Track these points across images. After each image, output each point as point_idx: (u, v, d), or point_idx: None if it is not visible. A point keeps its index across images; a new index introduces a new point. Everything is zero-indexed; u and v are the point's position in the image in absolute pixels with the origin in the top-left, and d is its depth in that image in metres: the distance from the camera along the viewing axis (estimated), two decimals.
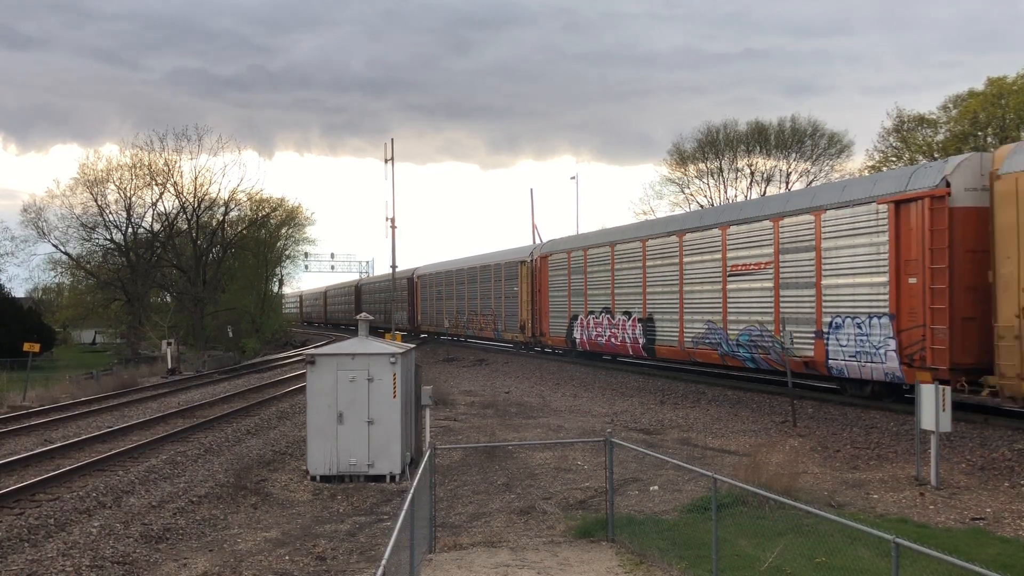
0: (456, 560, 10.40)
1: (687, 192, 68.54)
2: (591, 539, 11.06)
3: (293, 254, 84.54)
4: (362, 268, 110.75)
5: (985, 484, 13.17)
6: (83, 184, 63.25)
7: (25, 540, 12.05)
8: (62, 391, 34.06)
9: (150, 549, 11.90)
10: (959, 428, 15.99)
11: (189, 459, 17.77)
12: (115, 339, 72.64)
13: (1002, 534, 10.67)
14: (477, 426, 20.38)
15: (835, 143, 64.02)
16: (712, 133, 66.48)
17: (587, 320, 33.32)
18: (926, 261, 17.59)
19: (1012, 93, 47.67)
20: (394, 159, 38.42)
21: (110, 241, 65.55)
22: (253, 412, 25.03)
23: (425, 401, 16.60)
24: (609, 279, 31.48)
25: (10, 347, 52.87)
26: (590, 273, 33.12)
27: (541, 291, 37.80)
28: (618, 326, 30.84)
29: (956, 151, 47.53)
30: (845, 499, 12.53)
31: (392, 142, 38.14)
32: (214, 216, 67.28)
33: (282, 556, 11.40)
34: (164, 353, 43.20)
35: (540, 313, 38.01)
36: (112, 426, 22.47)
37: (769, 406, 21.54)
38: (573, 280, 34.60)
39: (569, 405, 24.09)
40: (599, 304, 32.30)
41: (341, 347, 15.97)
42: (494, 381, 31.38)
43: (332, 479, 15.25)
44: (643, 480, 14.25)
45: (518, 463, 15.98)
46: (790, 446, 16.41)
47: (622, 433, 18.19)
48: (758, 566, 9.35)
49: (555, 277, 36.47)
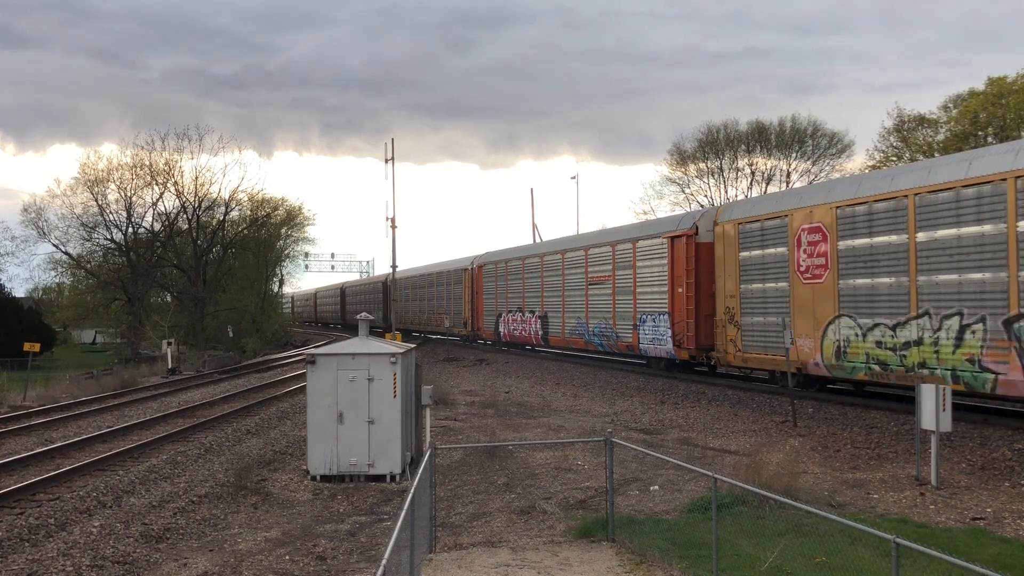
0: (456, 560, 10.40)
1: (687, 192, 68.62)
2: (591, 539, 11.06)
3: (293, 254, 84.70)
4: (362, 268, 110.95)
5: (985, 484, 13.17)
6: (83, 184, 63.36)
7: (25, 540, 12.06)
8: (62, 391, 34.08)
9: (150, 549, 11.90)
10: (959, 428, 15.99)
11: (189, 459, 17.78)
12: (115, 339, 72.66)
13: (1002, 534, 10.67)
14: (477, 426, 20.38)
15: (835, 143, 64.09)
16: (712, 133, 66.51)
17: (508, 317, 42.24)
18: (685, 277, 26.19)
19: (1012, 93, 47.67)
20: (394, 159, 38.38)
21: (110, 241, 65.60)
22: (253, 412, 25.04)
23: (425, 401, 16.59)
24: (521, 285, 40.46)
25: (10, 347, 52.91)
26: (510, 280, 42.05)
27: (477, 294, 46.55)
28: (527, 321, 39.84)
29: (956, 151, 47.54)
30: (845, 499, 12.53)
31: (392, 142, 38.08)
32: (214, 216, 67.32)
33: (282, 556, 11.40)
34: (164, 353, 43.23)
35: (477, 312, 46.70)
36: (112, 426, 22.48)
37: (769, 406, 21.55)
38: (499, 285, 43.38)
39: (569, 405, 24.09)
40: (515, 305, 41.32)
41: (341, 347, 15.97)
42: (494, 381, 31.39)
43: (332, 479, 15.25)
44: (643, 480, 14.25)
45: (518, 463, 15.99)
46: (790, 446, 16.42)
47: (622, 433, 18.20)
48: (758, 566, 9.34)
49: (487, 283, 45.18)
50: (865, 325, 19.11)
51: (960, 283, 16.68)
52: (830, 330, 20.20)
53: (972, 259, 16.38)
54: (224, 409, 25.40)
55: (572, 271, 34.79)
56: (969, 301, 16.48)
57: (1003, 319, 15.79)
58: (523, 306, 40.14)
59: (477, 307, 46.68)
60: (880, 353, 18.61)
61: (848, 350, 19.66)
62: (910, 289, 17.82)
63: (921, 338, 17.51)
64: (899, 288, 18.13)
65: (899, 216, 18.13)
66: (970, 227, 16.46)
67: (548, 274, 37.14)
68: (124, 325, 66.33)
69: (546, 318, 37.27)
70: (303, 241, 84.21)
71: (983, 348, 16.08)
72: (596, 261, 32.61)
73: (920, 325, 17.60)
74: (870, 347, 18.92)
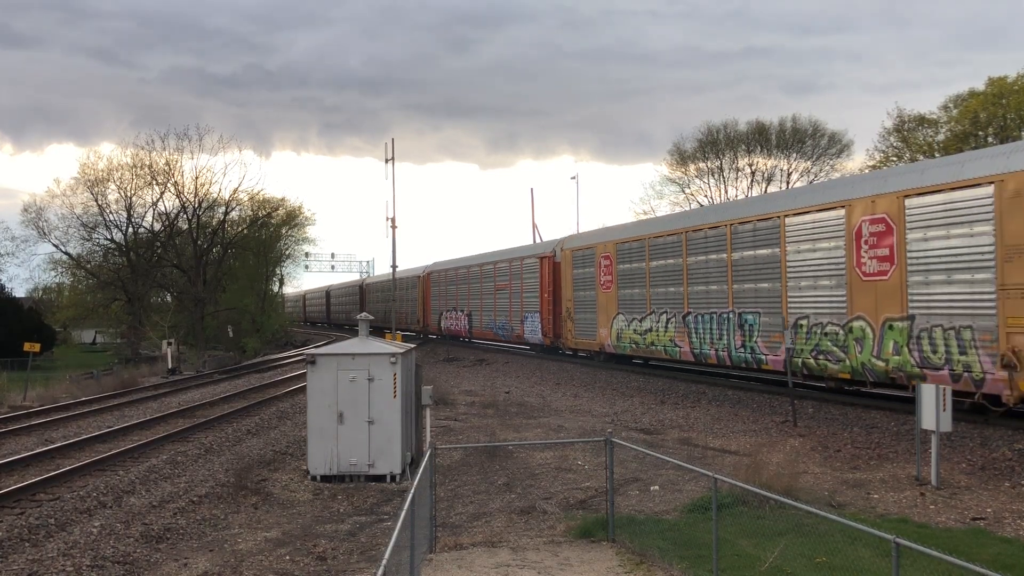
0: (457, 560, 10.40)
1: (687, 192, 68.68)
2: (591, 539, 11.06)
3: (293, 254, 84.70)
4: (362, 268, 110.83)
5: (985, 484, 13.17)
6: (84, 184, 63.32)
7: (26, 540, 12.06)
8: (62, 391, 34.09)
9: (150, 549, 11.91)
10: (959, 428, 15.99)
11: (189, 459, 17.78)
12: (115, 339, 72.62)
13: (1003, 534, 10.67)
14: (477, 426, 20.38)
15: (835, 143, 64.11)
16: (713, 133, 66.57)
17: (447, 315, 52.84)
18: (547, 287, 37.13)
19: (1013, 93, 47.67)
20: (394, 159, 38.40)
21: (110, 241, 65.59)
22: (253, 412, 25.04)
23: (425, 401, 16.59)
24: (455, 290, 51.25)
25: (10, 347, 52.93)
26: (448, 286, 52.78)
27: (426, 296, 57.89)
28: (459, 319, 50.39)
29: (956, 151, 47.51)
30: (845, 499, 12.52)
31: (392, 142, 38.16)
32: (215, 216, 67.32)
33: (282, 556, 11.40)
34: (164, 353, 43.22)
35: (427, 311, 57.70)
36: (112, 426, 22.48)
37: (769, 406, 21.55)
38: (444, 290, 53.85)
39: (569, 405, 24.09)
40: (451, 305, 52.02)
41: (341, 347, 15.97)
42: (494, 381, 31.39)
43: (332, 479, 15.25)
44: (643, 480, 14.25)
45: (518, 463, 15.99)
46: (790, 446, 16.42)
47: (622, 433, 18.20)
48: (758, 566, 9.35)
49: (435, 287, 55.80)
50: (630, 319, 29.97)
51: (666, 294, 27.63)
52: (614, 323, 31.02)
53: (671, 278, 27.32)
54: (224, 409, 25.40)
55: (486, 280, 45.62)
56: (669, 305, 27.41)
57: (682, 315, 26.66)
58: (457, 306, 50.90)
59: (427, 307, 57.62)
60: (635, 336, 29.46)
61: (622, 336, 30.40)
62: (646, 297, 28.83)
63: (653, 327, 28.41)
64: (642, 296, 29.14)
65: (641, 251, 29.35)
66: (668, 259, 27.55)
67: (472, 282, 48.11)
68: (124, 325, 66.30)
69: (471, 316, 48.10)
70: (303, 241, 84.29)
71: (676, 332, 26.99)
72: (500, 273, 43.81)
73: (652, 319, 28.52)
74: (631, 333, 29.84)
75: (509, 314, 41.98)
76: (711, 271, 25.28)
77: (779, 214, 22.25)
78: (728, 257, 24.38)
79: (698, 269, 25.93)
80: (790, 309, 21.62)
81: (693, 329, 26.03)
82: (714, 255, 25.20)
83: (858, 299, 19.30)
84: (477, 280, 47.02)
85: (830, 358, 20.21)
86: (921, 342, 17.53)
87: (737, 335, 23.86)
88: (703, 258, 25.72)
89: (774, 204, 23.41)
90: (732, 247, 24.21)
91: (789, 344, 20.69)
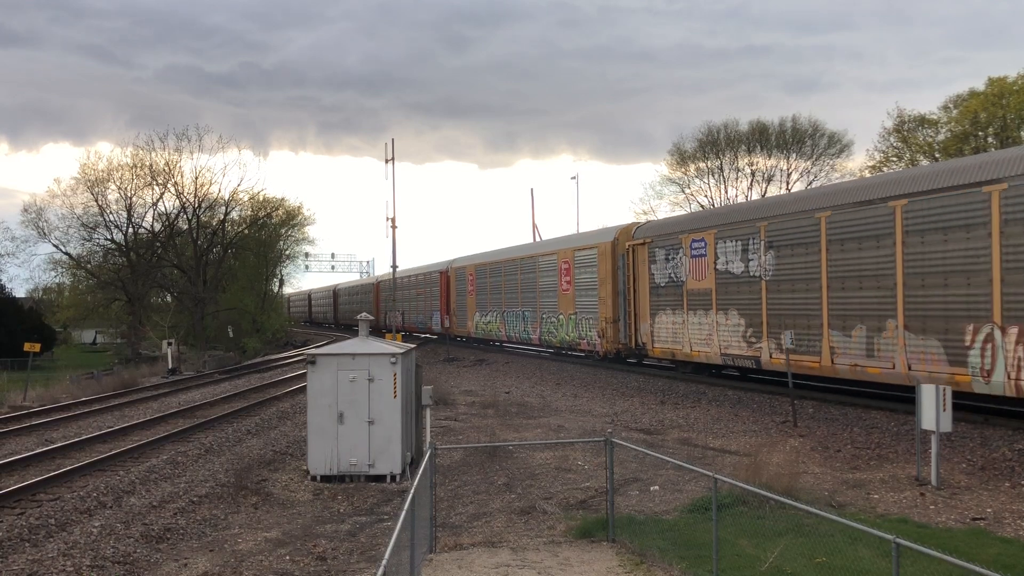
0: (457, 560, 10.41)
1: (687, 192, 68.66)
2: (591, 539, 11.06)
3: (293, 254, 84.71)
4: (362, 268, 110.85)
5: (986, 484, 13.17)
6: (84, 184, 63.33)
7: (26, 540, 12.06)
8: (62, 391, 34.09)
9: (151, 549, 11.91)
10: (959, 428, 15.99)
11: (190, 459, 17.78)
12: (115, 339, 72.68)
13: (1003, 534, 10.67)
14: (477, 426, 20.38)
15: (835, 143, 64.09)
16: (712, 132, 66.55)
17: (401, 315, 60.42)
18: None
19: (1013, 93, 47.66)
20: (394, 159, 38.45)
21: (110, 241, 65.58)
22: (254, 412, 25.04)
23: (425, 401, 16.59)
24: (404, 294, 59.40)
25: (11, 347, 52.94)
26: (398, 291, 57.78)
27: (376, 300, 67.75)
28: (412, 317, 59.49)
29: (957, 151, 47.53)
30: (846, 499, 12.52)
31: (392, 142, 38.24)
32: (215, 216, 67.33)
33: (283, 556, 11.40)
34: (164, 353, 43.21)
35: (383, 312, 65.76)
36: (113, 426, 22.49)
37: (770, 406, 21.55)
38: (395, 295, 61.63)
39: (569, 405, 24.09)
40: (406, 307, 60.78)
41: (341, 347, 15.97)
42: (494, 381, 31.39)
43: (332, 479, 15.25)
44: (643, 480, 14.25)
45: (518, 463, 15.99)
46: (791, 446, 16.42)
47: (622, 433, 18.20)
48: (758, 566, 9.35)
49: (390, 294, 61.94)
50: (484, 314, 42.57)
51: (520, 299, 37.86)
52: (475, 316, 43.68)
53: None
54: (224, 409, 25.40)
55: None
56: (527, 306, 37.02)
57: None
58: (409, 309, 60.14)
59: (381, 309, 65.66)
60: (489, 328, 42.02)
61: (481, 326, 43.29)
62: (501, 301, 39.99)
63: (494, 320, 41.39)
64: (497, 302, 41.10)
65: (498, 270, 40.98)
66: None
67: (413, 289, 58.22)
68: (124, 325, 66.35)
69: (409, 314, 58.61)
70: (303, 241, 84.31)
71: (529, 326, 37.43)
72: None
73: (494, 315, 41.33)
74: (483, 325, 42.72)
75: (441, 310, 48.36)
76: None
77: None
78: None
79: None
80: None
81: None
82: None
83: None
84: (423, 287, 53.37)
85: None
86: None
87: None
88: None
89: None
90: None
91: (789, 344, 20.67)
